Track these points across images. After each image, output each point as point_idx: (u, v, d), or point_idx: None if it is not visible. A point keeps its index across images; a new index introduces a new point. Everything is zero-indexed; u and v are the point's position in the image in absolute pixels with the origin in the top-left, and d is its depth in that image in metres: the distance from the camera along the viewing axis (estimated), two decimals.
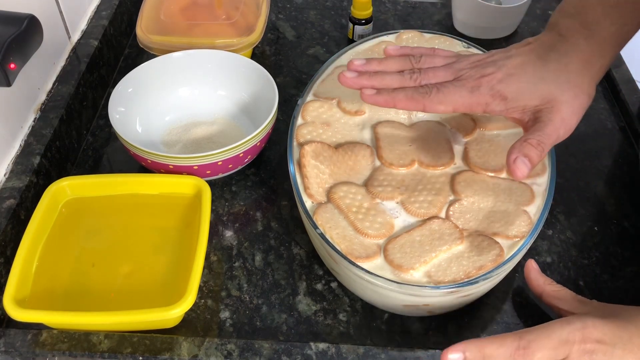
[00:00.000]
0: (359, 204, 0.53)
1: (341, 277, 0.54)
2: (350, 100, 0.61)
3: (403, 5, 0.91)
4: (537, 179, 0.55)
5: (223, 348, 0.49)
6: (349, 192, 0.54)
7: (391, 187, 0.54)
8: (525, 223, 0.51)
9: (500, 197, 0.54)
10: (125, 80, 0.66)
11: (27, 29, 0.48)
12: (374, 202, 0.53)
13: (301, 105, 0.60)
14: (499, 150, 0.57)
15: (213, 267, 0.57)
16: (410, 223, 0.52)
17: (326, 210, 0.52)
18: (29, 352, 0.49)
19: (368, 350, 0.49)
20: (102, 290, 0.52)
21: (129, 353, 0.48)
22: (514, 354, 0.42)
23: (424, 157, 0.57)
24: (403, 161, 0.56)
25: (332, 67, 0.64)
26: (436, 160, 0.56)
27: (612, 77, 0.76)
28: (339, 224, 0.51)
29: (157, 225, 0.57)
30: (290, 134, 0.58)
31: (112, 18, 0.79)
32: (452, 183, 0.55)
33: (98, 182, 0.59)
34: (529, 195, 0.54)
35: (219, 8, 0.76)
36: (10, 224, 0.55)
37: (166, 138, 0.68)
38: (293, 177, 0.54)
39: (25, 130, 0.63)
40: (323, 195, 0.54)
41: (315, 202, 0.53)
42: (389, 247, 0.50)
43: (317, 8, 0.90)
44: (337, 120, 0.60)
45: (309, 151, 0.55)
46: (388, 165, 0.56)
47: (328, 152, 0.56)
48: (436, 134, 0.59)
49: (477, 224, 0.52)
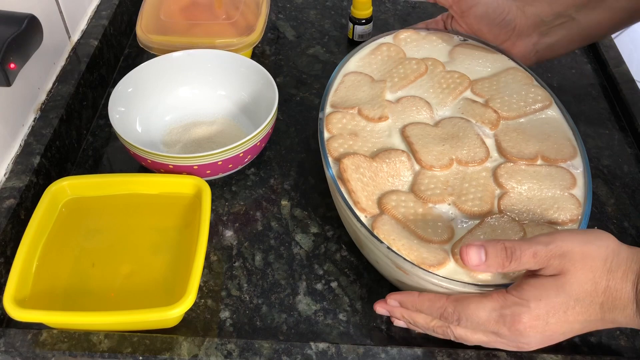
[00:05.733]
0: (413, 211, 0.52)
1: (408, 287, 0.52)
2: (370, 107, 0.60)
3: (403, 5, 0.91)
4: (572, 162, 0.56)
5: (223, 348, 0.49)
6: (399, 201, 0.53)
7: (439, 190, 0.54)
8: (575, 206, 0.52)
9: (544, 184, 0.54)
10: (125, 80, 0.66)
11: (27, 29, 0.48)
12: (427, 207, 0.53)
13: (324, 119, 0.59)
14: (528, 138, 0.58)
15: (213, 267, 0.57)
16: (467, 223, 0.52)
17: (384, 222, 0.51)
18: (29, 352, 0.49)
19: (368, 350, 0.49)
20: (102, 290, 0.52)
21: (129, 353, 0.48)
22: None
23: (460, 154, 0.56)
24: (442, 162, 0.56)
25: (340, 76, 0.64)
26: (473, 156, 0.56)
27: (612, 77, 0.76)
28: (401, 234, 0.50)
29: (157, 225, 0.57)
30: (323, 150, 0.56)
31: (112, 18, 0.79)
32: (495, 177, 0.55)
33: (98, 182, 0.59)
34: (570, 179, 0.54)
35: (219, 8, 0.76)
36: (10, 223, 0.55)
37: (166, 138, 0.68)
38: (341, 194, 0.52)
39: (25, 130, 0.63)
40: (374, 207, 0.52)
41: (368, 215, 0.52)
42: (457, 251, 0.49)
43: (317, 8, 0.90)
44: (363, 129, 0.59)
45: (349, 165, 0.54)
46: (429, 168, 0.56)
47: (366, 163, 0.55)
48: (465, 130, 0.59)
49: (531, 214, 0.52)
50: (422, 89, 0.63)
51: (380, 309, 0.51)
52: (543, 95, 0.62)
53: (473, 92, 0.63)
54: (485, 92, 0.63)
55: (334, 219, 0.62)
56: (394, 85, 0.63)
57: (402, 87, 0.63)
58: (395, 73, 0.64)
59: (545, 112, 0.61)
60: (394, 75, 0.64)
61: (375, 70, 0.65)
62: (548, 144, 0.57)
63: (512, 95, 0.62)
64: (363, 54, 0.66)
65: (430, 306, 0.48)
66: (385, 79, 0.64)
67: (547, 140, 0.58)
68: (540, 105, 0.61)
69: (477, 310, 0.46)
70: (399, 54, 0.67)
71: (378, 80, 0.63)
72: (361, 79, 0.63)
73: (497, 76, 0.64)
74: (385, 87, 0.63)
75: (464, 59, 0.66)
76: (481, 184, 0.54)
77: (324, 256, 0.59)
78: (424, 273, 0.48)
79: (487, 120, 0.59)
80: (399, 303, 0.50)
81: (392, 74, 0.64)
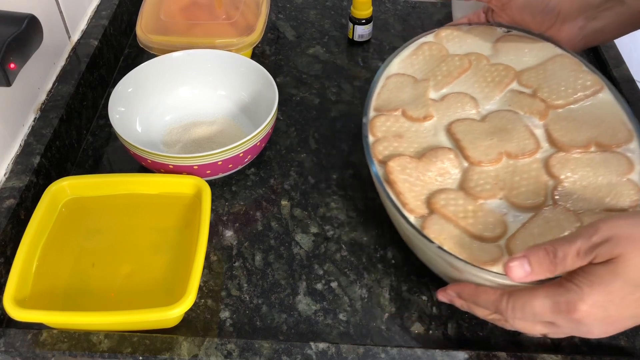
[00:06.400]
0: (463, 208, 0.51)
1: None
2: (414, 107, 0.59)
3: (403, 5, 0.91)
4: (628, 146, 0.54)
5: (223, 348, 0.49)
6: (449, 199, 0.52)
7: (489, 185, 0.53)
8: (635, 191, 0.51)
9: (599, 171, 0.53)
10: (125, 80, 0.66)
11: (27, 29, 0.48)
12: (478, 204, 0.52)
13: (367, 123, 0.58)
14: (579, 125, 0.56)
15: (213, 267, 0.57)
16: (520, 216, 0.51)
17: (433, 221, 0.50)
18: (29, 352, 0.49)
19: (368, 350, 0.49)
20: (102, 290, 0.52)
21: (129, 353, 0.48)
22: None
23: (509, 147, 0.55)
24: (491, 157, 0.54)
25: (383, 79, 0.63)
26: (523, 148, 0.55)
27: (612, 77, 0.76)
28: (452, 233, 0.50)
29: (157, 225, 0.57)
30: (368, 154, 0.55)
31: (112, 18, 0.79)
32: (546, 167, 0.54)
33: (98, 182, 0.59)
34: (627, 164, 0.53)
35: (219, 8, 0.76)
36: (10, 223, 0.55)
37: (166, 138, 0.68)
38: (388, 197, 0.52)
39: (25, 130, 0.63)
40: (423, 207, 0.52)
41: (417, 216, 0.51)
42: (511, 246, 0.48)
43: (317, 8, 0.90)
44: (408, 130, 0.58)
45: (395, 167, 0.53)
46: (477, 163, 0.54)
47: (412, 164, 0.54)
48: (513, 122, 0.57)
49: (587, 203, 0.50)
50: (467, 85, 0.62)
51: (442, 297, 0.51)
52: (593, 80, 0.60)
53: (519, 84, 0.61)
54: (532, 82, 0.61)
55: (333, 219, 0.62)
56: (437, 84, 0.62)
57: (446, 84, 0.62)
58: (438, 71, 0.63)
59: (596, 96, 0.59)
60: (437, 74, 0.63)
61: (418, 71, 0.64)
62: (601, 129, 0.56)
63: (560, 83, 0.60)
64: (404, 55, 0.65)
65: (485, 299, 0.47)
66: (429, 78, 0.62)
67: (600, 125, 0.56)
68: (591, 91, 0.59)
69: (531, 301, 0.44)
70: (441, 51, 0.65)
71: (421, 80, 0.62)
72: (404, 80, 0.62)
73: (543, 65, 0.62)
74: (429, 86, 0.61)
75: (509, 51, 0.64)
76: (533, 176, 0.53)
77: (324, 256, 0.59)
78: (478, 271, 0.47)
79: (535, 111, 0.58)
80: (457, 294, 0.49)
81: (435, 73, 0.63)
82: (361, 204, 0.63)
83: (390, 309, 0.54)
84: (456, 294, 0.49)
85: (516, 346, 0.52)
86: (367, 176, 0.66)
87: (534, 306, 0.44)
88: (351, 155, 0.68)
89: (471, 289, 0.48)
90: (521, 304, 0.45)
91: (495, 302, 0.46)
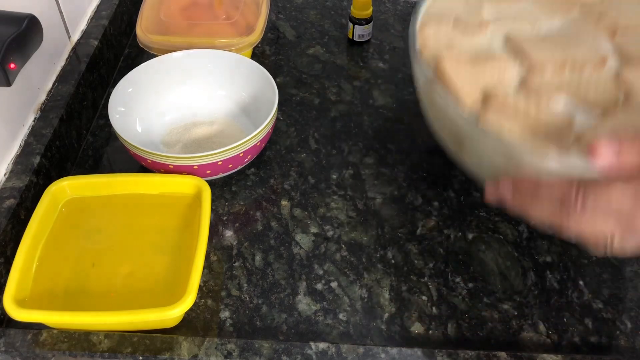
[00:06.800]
0: (524, 104, 0.47)
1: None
2: (468, 15, 0.56)
3: (403, 5, 0.91)
4: None
5: (223, 348, 0.49)
6: (507, 96, 0.48)
7: (553, 87, 0.49)
8: None
9: None
10: (125, 80, 0.66)
11: (27, 29, 0.48)
12: (541, 104, 0.47)
13: (415, 33, 0.54)
14: None
15: (213, 267, 0.58)
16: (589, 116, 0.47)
17: (491, 114, 0.46)
18: (29, 352, 0.49)
19: (368, 350, 0.49)
20: (102, 290, 0.52)
21: (129, 353, 0.48)
22: None
23: (575, 54, 0.51)
24: (554, 63, 0.50)
25: None
26: (591, 57, 0.51)
27: None
28: (512, 128, 0.46)
29: (157, 225, 0.57)
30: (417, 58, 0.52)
31: (112, 18, 0.79)
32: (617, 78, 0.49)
33: (98, 182, 0.59)
34: None
35: (219, 8, 0.76)
36: (10, 224, 0.55)
37: (166, 138, 0.68)
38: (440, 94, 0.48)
39: (25, 130, 0.63)
40: (478, 103, 0.48)
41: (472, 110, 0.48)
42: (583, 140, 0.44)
43: (317, 8, 0.90)
44: (461, 41, 0.54)
45: (447, 66, 0.50)
46: (539, 69, 0.50)
47: (467, 66, 0.50)
48: (579, 34, 0.54)
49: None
50: (528, 3, 0.58)
51: (491, 195, 0.44)
52: None
53: (584, 7, 0.58)
54: (597, 6, 0.57)
55: (333, 219, 0.62)
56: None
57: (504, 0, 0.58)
58: None
59: None
60: None
61: None
62: None
63: (629, 8, 0.56)
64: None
65: (549, 190, 0.40)
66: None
67: None
68: None
69: (608, 188, 0.37)
70: None
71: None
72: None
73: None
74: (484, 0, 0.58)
75: None
76: (601, 84, 0.49)
77: (323, 256, 0.59)
78: (547, 157, 0.41)
79: (603, 27, 0.54)
80: (513, 187, 0.43)
81: None
82: (361, 204, 0.63)
83: (390, 309, 0.55)
84: (512, 186, 0.42)
85: (516, 346, 0.52)
86: (367, 176, 0.66)
87: (610, 194, 0.37)
88: (351, 155, 0.68)
89: (531, 181, 0.41)
90: (595, 192, 0.38)
91: (563, 192, 0.39)
